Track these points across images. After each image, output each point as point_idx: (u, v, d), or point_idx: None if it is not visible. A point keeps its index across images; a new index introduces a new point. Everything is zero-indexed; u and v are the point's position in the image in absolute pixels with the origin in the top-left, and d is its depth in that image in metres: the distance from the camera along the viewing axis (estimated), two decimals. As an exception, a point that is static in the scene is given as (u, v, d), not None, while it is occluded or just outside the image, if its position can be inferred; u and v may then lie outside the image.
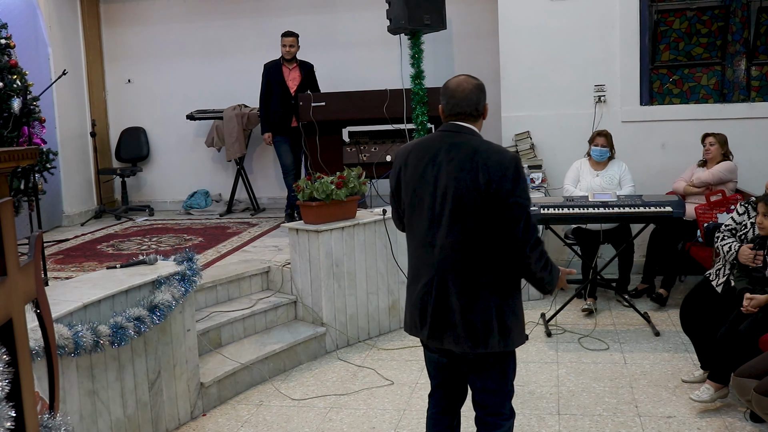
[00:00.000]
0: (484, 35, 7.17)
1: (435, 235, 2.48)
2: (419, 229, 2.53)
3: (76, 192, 7.47)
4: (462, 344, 2.47)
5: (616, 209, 4.86)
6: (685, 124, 6.04)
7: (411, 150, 2.59)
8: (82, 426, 3.14)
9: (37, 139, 5.46)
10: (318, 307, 4.75)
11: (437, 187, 2.47)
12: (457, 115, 2.55)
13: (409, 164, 2.56)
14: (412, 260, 2.61)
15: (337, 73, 7.40)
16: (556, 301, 5.48)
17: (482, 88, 2.59)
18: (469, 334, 2.45)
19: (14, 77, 5.49)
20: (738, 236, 3.97)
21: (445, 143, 2.52)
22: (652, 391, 3.94)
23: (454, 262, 2.45)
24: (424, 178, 2.50)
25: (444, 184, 2.45)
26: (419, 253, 2.55)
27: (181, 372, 3.79)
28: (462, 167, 2.44)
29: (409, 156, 2.58)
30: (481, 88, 2.58)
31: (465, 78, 2.60)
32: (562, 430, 3.55)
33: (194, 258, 3.86)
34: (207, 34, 8.00)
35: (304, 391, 4.19)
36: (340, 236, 4.74)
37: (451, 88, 2.57)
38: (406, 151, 2.61)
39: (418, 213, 2.53)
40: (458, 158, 2.46)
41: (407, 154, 2.59)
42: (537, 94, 6.23)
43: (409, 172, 2.55)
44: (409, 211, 2.57)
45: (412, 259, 2.62)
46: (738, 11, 6.11)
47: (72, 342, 2.98)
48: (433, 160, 2.50)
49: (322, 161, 6.18)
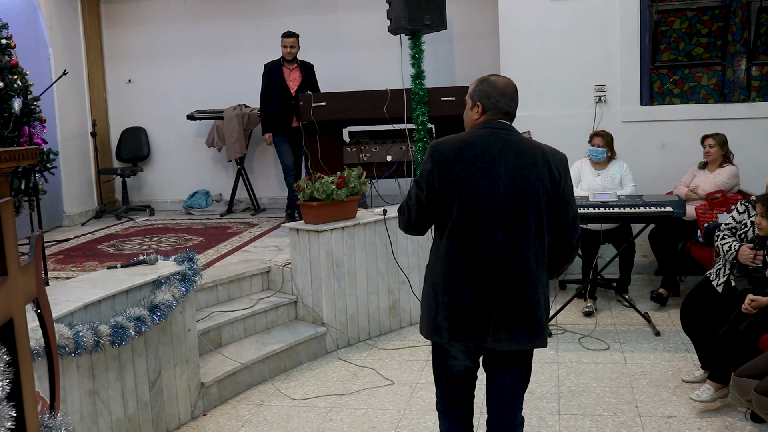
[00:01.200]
0: (484, 35, 7.17)
1: (499, 232, 2.41)
2: (478, 227, 2.41)
3: (77, 192, 7.47)
4: (534, 341, 2.46)
5: (616, 209, 4.86)
6: (686, 124, 6.04)
7: (459, 147, 2.46)
8: (83, 426, 3.14)
9: (37, 139, 5.47)
10: (318, 307, 4.75)
11: (502, 184, 2.40)
12: (506, 114, 2.52)
13: (463, 161, 2.42)
14: (461, 261, 2.43)
15: (337, 73, 7.40)
16: (556, 301, 5.48)
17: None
18: (529, 329, 2.44)
19: (15, 77, 5.50)
20: (738, 235, 3.97)
21: (501, 140, 2.46)
22: (653, 391, 3.94)
23: (516, 259, 2.41)
24: (488, 176, 2.41)
25: (510, 181, 2.41)
26: (475, 254, 2.41)
27: (181, 372, 3.79)
28: (530, 165, 2.43)
29: (459, 153, 2.44)
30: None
31: (508, 79, 2.58)
32: (562, 430, 3.55)
33: (195, 258, 3.86)
34: (207, 35, 8.00)
35: (305, 390, 4.19)
36: (340, 236, 4.74)
37: (500, 86, 2.53)
38: (452, 148, 2.46)
39: (482, 213, 2.41)
40: (523, 156, 2.44)
41: (455, 151, 2.45)
42: (537, 94, 6.23)
43: (465, 170, 2.41)
44: (463, 209, 2.41)
45: (460, 260, 2.43)
46: (738, 11, 6.11)
47: (72, 342, 2.98)
48: (493, 158, 2.42)
49: (322, 161, 6.18)
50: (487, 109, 2.52)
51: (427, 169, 2.47)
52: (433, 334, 2.52)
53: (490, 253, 2.40)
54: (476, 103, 2.54)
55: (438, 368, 2.66)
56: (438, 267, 2.48)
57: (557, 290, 5.95)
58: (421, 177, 2.50)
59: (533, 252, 2.43)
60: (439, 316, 2.47)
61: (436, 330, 2.49)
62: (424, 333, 2.56)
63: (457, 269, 2.43)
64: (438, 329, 2.48)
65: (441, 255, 2.48)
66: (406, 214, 2.59)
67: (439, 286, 2.46)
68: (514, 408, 2.61)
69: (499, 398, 2.60)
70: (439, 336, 2.50)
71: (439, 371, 2.66)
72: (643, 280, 6.09)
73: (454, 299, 2.43)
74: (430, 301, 2.50)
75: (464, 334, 2.44)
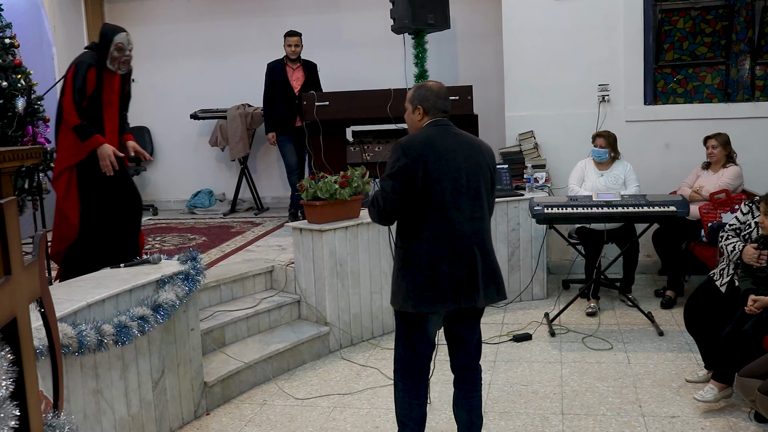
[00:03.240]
0: (487, 35, 7.17)
1: (466, 212, 2.86)
2: (451, 209, 2.84)
3: (81, 191, 7.47)
4: (500, 296, 2.99)
5: (619, 209, 4.85)
6: (689, 123, 6.03)
7: (425, 143, 2.86)
8: (86, 425, 3.14)
9: (41, 138, 5.48)
10: (322, 306, 4.75)
11: (464, 171, 2.86)
12: (444, 112, 2.98)
13: (431, 155, 2.83)
14: (441, 240, 2.84)
15: (340, 73, 7.40)
16: (559, 301, 5.48)
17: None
18: (503, 286, 2.98)
19: (18, 77, 5.50)
20: (742, 236, 3.96)
21: (452, 134, 2.94)
22: (656, 391, 3.93)
23: (481, 231, 2.91)
24: (453, 165, 2.85)
25: (468, 168, 2.88)
26: (450, 232, 2.84)
27: (185, 371, 3.79)
28: (478, 153, 2.93)
29: (426, 148, 2.84)
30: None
31: (440, 83, 3.06)
32: (565, 429, 3.55)
33: (198, 257, 3.86)
34: (211, 34, 8.01)
35: (308, 390, 4.20)
36: (343, 236, 4.74)
37: (435, 89, 2.98)
38: (420, 144, 2.85)
39: (452, 197, 2.84)
40: (470, 147, 2.94)
41: (422, 146, 2.85)
42: (541, 93, 6.23)
43: (436, 162, 2.82)
44: (440, 196, 2.82)
45: (440, 239, 2.84)
46: (742, 10, 6.09)
47: (76, 341, 2.99)
48: (453, 150, 2.87)
49: (325, 161, 6.19)
50: (427, 110, 2.97)
51: (402, 164, 2.82)
52: (423, 306, 2.86)
53: (461, 229, 2.86)
54: (417, 106, 2.99)
55: (414, 338, 2.97)
56: (421, 248, 2.85)
57: (560, 290, 5.94)
58: (398, 172, 2.83)
59: (487, 223, 2.98)
60: (429, 289, 2.83)
61: (427, 300, 2.84)
62: (411, 307, 2.88)
63: (441, 246, 2.84)
64: (429, 300, 2.84)
65: (422, 237, 2.85)
66: (381, 206, 2.90)
67: (424, 263, 2.84)
68: (480, 353, 3.11)
69: (469, 348, 3.06)
70: (431, 306, 2.85)
71: (415, 340, 2.97)
72: (646, 279, 6.08)
73: (443, 272, 2.83)
74: (415, 279, 2.85)
75: (456, 300, 2.85)
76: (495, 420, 3.68)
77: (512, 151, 6.12)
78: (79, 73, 4.21)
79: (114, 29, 4.32)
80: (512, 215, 5.58)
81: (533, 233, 5.61)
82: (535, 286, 5.69)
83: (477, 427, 3.14)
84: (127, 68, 4.39)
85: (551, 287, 5.90)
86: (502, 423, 3.64)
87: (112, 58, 4.27)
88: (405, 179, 2.82)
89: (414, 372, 3.02)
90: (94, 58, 4.28)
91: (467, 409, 3.10)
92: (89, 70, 4.23)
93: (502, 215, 5.54)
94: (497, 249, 5.52)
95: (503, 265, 5.58)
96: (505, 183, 5.73)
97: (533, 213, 4.96)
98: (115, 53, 4.27)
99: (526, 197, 5.48)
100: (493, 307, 5.53)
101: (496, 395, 3.98)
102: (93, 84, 4.25)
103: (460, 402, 3.11)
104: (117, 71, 4.33)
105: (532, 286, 5.68)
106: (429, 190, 2.82)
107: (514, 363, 4.44)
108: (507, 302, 5.59)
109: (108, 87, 4.35)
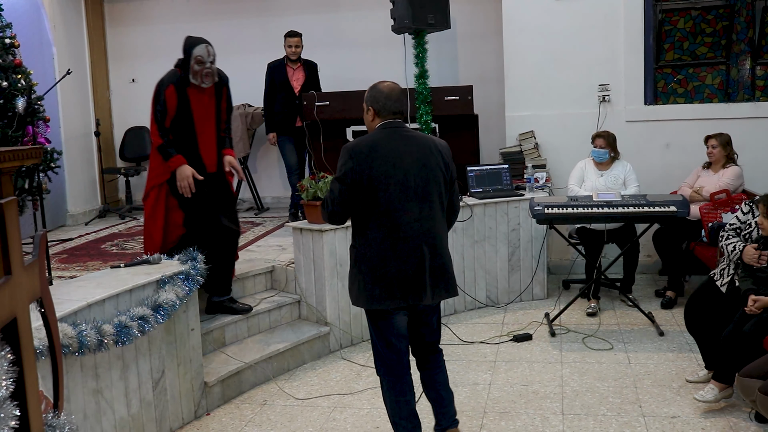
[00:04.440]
0: (488, 35, 7.16)
1: (413, 213, 2.92)
2: (397, 210, 2.90)
3: (81, 191, 7.48)
4: (449, 293, 3.05)
5: (620, 209, 4.85)
6: (690, 123, 6.03)
7: (371, 146, 2.92)
8: (86, 425, 3.14)
9: (41, 138, 5.48)
10: (322, 306, 4.75)
11: (411, 173, 2.92)
12: (395, 113, 3.02)
13: (377, 158, 2.89)
14: (388, 241, 2.91)
15: (341, 73, 7.39)
16: (560, 301, 5.47)
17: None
18: (452, 284, 3.06)
19: (19, 77, 5.50)
20: (742, 236, 3.96)
21: (401, 136, 2.98)
22: (657, 391, 3.93)
23: (431, 231, 2.96)
24: (400, 168, 2.90)
25: (416, 170, 2.93)
26: (398, 232, 2.90)
27: (185, 371, 3.79)
28: (428, 154, 2.97)
29: (372, 152, 2.90)
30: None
31: (393, 83, 3.09)
32: (566, 429, 3.54)
33: (198, 257, 3.86)
34: (211, 34, 7.90)
35: (308, 390, 4.19)
36: (343, 236, 4.74)
37: (386, 91, 3.02)
38: (366, 148, 2.92)
39: (399, 199, 2.90)
40: (420, 149, 2.97)
41: (369, 150, 2.91)
42: (541, 93, 6.22)
43: (382, 165, 2.89)
44: (386, 199, 2.89)
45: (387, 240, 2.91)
46: (743, 10, 6.09)
47: (76, 341, 2.99)
48: (400, 153, 2.92)
49: (326, 161, 6.18)
50: (378, 111, 3.02)
51: (349, 167, 2.90)
52: (373, 303, 2.96)
53: (408, 229, 2.92)
54: (369, 107, 3.06)
55: (383, 333, 3.04)
56: (369, 248, 2.94)
57: (561, 290, 5.94)
58: (345, 175, 2.91)
59: (439, 223, 3.01)
60: (377, 288, 2.93)
61: (376, 298, 2.94)
62: (363, 304, 3.00)
63: (387, 247, 2.91)
64: (378, 297, 2.94)
65: (370, 237, 2.94)
66: (330, 207, 2.99)
67: (373, 263, 2.93)
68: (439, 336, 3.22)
69: (430, 336, 3.16)
70: (379, 303, 2.95)
71: (387, 335, 3.03)
72: (646, 279, 6.08)
73: (390, 272, 2.91)
74: (365, 277, 2.96)
75: (404, 297, 2.93)
76: (495, 420, 3.67)
77: (512, 151, 6.12)
78: (160, 93, 4.10)
79: (192, 42, 4.16)
80: (512, 215, 5.57)
81: (533, 233, 5.61)
82: (535, 286, 5.68)
83: (448, 400, 3.21)
84: (211, 81, 4.19)
85: (551, 287, 5.90)
86: (503, 423, 3.64)
87: (194, 72, 4.12)
88: (351, 182, 2.89)
89: (393, 367, 3.08)
90: (176, 76, 4.14)
91: (434, 386, 3.19)
92: (167, 88, 4.10)
93: (503, 215, 5.54)
94: (498, 249, 5.57)
95: (504, 265, 5.59)
96: (505, 183, 5.73)
97: (533, 213, 4.96)
98: (196, 67, 4.12)
99: (527, 197, 5.48)
100: (494, 307, 5.54)
101: (497, 395, 3.98)
102: (173, 102, 4.11)
103: (427, 382, 3.21)
104: (201, 85, 4.16)
105: (532, 286, 5.67)
106: (375, 192, 2.89)
107: (515, 363, 4.44)
108: (507, 302, 5.60)
109: (197, 102, 4.18)
